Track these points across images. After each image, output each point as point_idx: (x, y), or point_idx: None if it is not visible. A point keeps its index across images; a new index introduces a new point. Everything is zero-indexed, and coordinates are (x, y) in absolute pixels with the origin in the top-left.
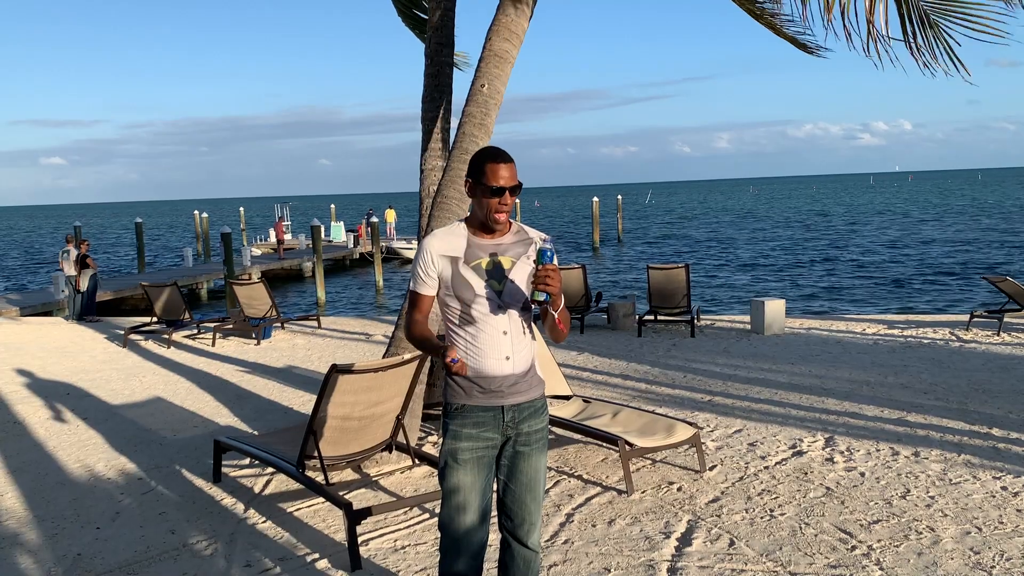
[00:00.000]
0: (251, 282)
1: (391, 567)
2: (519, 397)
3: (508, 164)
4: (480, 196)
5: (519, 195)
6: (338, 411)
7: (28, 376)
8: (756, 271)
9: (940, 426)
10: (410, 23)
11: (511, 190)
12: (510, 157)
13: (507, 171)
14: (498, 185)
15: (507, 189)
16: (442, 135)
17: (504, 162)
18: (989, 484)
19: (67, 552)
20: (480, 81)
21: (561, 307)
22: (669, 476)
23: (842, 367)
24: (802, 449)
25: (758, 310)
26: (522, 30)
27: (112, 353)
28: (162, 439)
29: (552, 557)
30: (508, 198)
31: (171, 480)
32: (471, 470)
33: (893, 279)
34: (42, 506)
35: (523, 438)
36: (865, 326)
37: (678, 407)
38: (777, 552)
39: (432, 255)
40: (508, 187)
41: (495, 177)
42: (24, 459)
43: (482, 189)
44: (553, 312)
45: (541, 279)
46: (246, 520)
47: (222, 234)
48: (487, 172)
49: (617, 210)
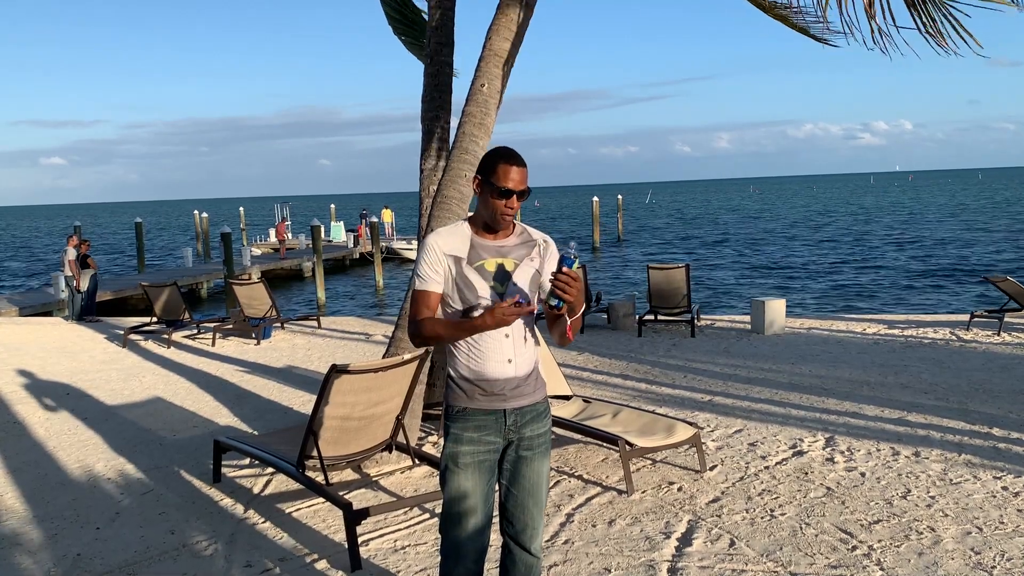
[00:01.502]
0: (251, 282)
1: (391, 567)
2: (521, 400)
3: (521, 168)
4: (488, 195)
5: (526, 200)
6: (338, 411)
7: (28, 376)
8: (773, 273)
9: (940, 426)
10: (398, 27)
11: (519, 194)
12: (524, 161)
13: (518, 174)
14: (507, 187)
15: (516, 193)
16: (442, 135)
17: (517, 165)
18: (990, 484)
19: (67, 552)
20: (480, 81)
21: (577, 316)
22: (669, 476)
23: (842, 367)
24: (802, 449)
25: (758, 310)
26: (523, 29)
27: (112, 353)
28: (162, 439)
29: (552, 557)
30: (515, 202)
31: (171, 480)
32: (472, 474)
33: (906, 280)
34: (42, 506)
35: (526, 442)
36: (865, 326)
37: (678, 407)
38: (777, 552)
39: (438, 252)
40: (517, 191)
41: (506, 179)
42: (24, 459)
43: (491, 189)
44: (566, 318)
45: (560, 285)
46: (246, 520)
47: (222, 234)
48: (499, 172)
49: (617, 210)
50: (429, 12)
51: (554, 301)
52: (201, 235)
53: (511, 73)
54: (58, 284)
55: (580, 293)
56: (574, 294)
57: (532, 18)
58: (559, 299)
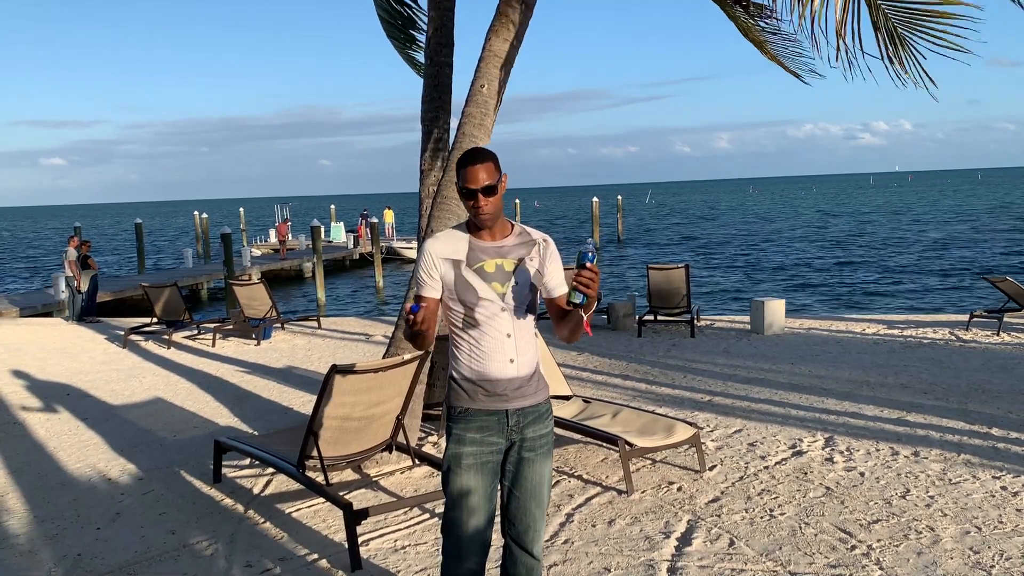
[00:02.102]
0: (251, 283)
1: (391, 567)
2: (524, 401)
3: (481, 164)
4: (462, 198)
5: (495, 195)
6: (338, 411)
7: (28, 377)
8: (773, 273)
9: (940, 426)
10: (390, 30)
11: (484, 191)
12: (486, 156)
13: (480, 171)
14: (469, 187)
15: (478, 191)
16: (442, 135)
17: (475, 163)
18: (989, 484)
19: (67, 552)
20: (480, 81)
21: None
22: (669, 476)
23: (842, 367)
24: (802, 449)
25: (758, 310)
26: (522, 30)
27: (112, 354)
28: (162, 440)
29: (552, 557)
30: (481, 199)
31: (171, 481)
32: (474, 475)
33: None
34: (42, 506)
35: (528, 443)
36: (865, 326)
37: (678, 407)
38: (777, 552)
39: (433, 257)
40: (479, 188)
41: (466, 179)
42: (24, 459)
43: (460, 192)
44: (582, 314)
45: (583, 281)
46: (246, 520)
47: (222, 235)
48: (461, 175)
49: (617, 210)
50: (429, 12)
51: (578, 299)
52: (201, 236)
53: (511, 73)
54: (58, 285)
55: (597, 292)
56: (595, 289)
57: (532, 18)
58: (583, 295)
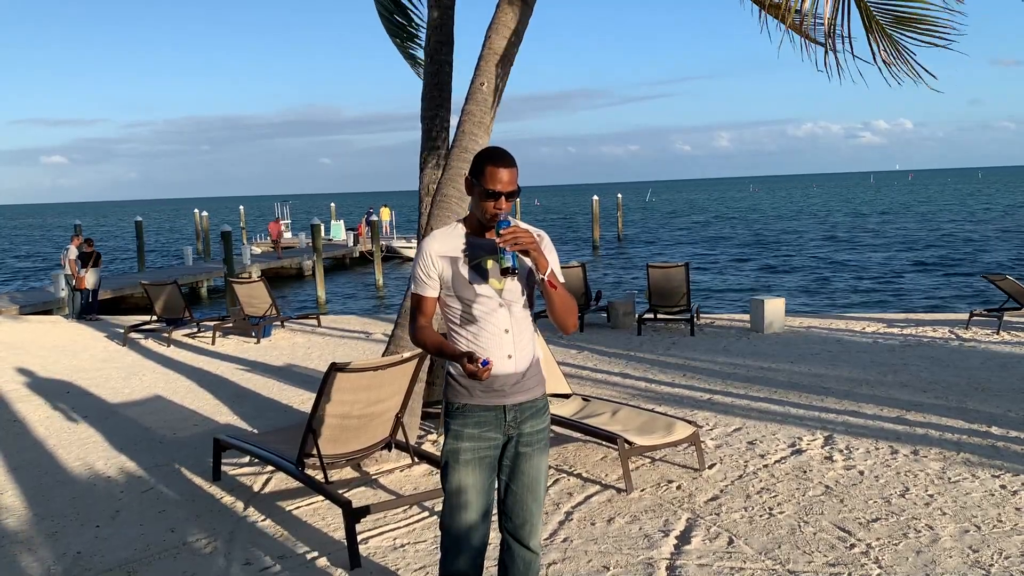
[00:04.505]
0: (251, 281)
1: (390, 565)
2: (521, 396)
3: (509, 168)
4: (478, 196)
5: (516, 199)
6: (337, 409)
7: (28, 375)
8: (773, 273)
9: (939, 424)
10: (390, 28)
11: (508, 195)
12: (512, 161)
13: (507, 175)
14: (495, 189)
15: (503, 194)
16: (442, 133)
17: (505, 166)
18: (988, 482)
19: (67, 550)
20: (480, 80)
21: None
22: (668, 474)
23: (841, 366)
24: (801, 448)
25: (757, 309)
26: (522, 28)
27: (112, 352)
28: (162, 437)
29: (551, 555)
30: (504, 203)
31: (171, 478)
32: (473, 470)
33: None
34: (42, 504)
35: (525, 438)
36: (864, 325)
37: (677, 405)
38: (776, 550)
39: (431, 256)
40: (505, 192)
41: (493, 180)
42: (24, 457)
43: (480, 190)
44: (542, 276)
45: (508, 241)
46: (246, 518)
47: (222, 233)
48: (486, 174)
49: (617, 209)
50: (429, 12)
51: (508, 260)
52: (201, 234)
53: (511, 72)
54: (58, 283)
55: (535, 241)
56: (526, 240)
57: (532, 17)
58: (512, 254)
